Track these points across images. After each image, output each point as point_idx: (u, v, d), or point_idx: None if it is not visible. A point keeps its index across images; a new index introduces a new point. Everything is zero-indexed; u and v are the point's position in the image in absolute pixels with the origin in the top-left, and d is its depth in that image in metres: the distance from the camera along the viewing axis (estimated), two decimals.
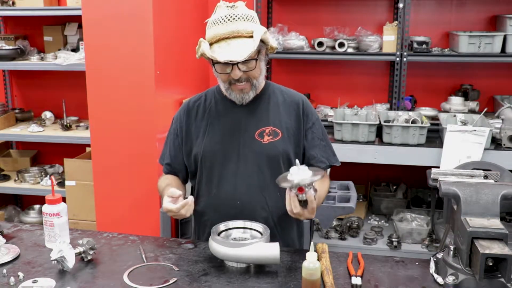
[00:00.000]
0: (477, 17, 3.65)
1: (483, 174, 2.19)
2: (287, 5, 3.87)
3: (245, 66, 1.74)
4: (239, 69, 1.73)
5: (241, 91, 1.79)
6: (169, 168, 2.00)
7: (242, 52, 1.68)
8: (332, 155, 1.95)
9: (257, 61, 1.75)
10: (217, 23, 1.72)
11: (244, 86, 1.78)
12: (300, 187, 1.55)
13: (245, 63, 1.73)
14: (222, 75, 1.78)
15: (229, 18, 1.71)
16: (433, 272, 1.58)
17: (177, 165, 1.98)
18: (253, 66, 1.75)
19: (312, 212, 1.62)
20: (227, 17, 1.71)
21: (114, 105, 2.93)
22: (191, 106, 1.95)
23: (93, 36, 2.91)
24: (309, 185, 1.56)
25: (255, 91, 1.83)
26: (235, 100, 1.84)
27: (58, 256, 1.58)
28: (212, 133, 1.88)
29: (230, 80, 1.77)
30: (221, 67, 1.75)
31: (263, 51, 1.80)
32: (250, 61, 1.73)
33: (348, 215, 3.34)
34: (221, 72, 1.76)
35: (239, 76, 1.74)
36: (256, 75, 1.79)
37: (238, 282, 1.54)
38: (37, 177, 3.88)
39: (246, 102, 1.84)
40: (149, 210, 2.97)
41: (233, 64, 1.71)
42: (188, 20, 3.33)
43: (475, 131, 2.96)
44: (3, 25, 4.17)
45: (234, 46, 1.70)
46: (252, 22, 1.74)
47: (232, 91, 1.81)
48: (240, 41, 1.70)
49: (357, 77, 3.89)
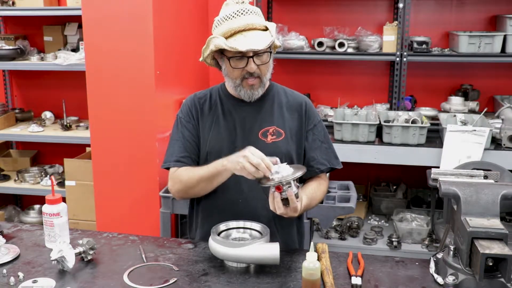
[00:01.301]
0: (477, 17, 3.65)
1: (483, 174, 2.19)
2: (287, 5, 3.87)
3: (260, 59, 1.76)
4: (254, 62, 1.74)
5: (251, 87, 1.80)
6: (186, 161, 1.85)
7: (261, 41, 1.70)
8: (334, 157, 1.95)
9: (271, 54, 1.78)
10: (230, 18, 1.73)
11: (255, 82, 1.79)
12: (278, 185, 1.55)
13: (260, 57, 1.75)
14: (235, 70, 1.77)
15: (242, 12, 1.73)
16: (433, 272, 1.58)
17: (194, 156, 1.86)
18: (267, 60, 1.77)
19: (294, 211, 1.61)
20: (239, 11, 1.73)
21: (114, 105, 2.93)
22: (197, 101, 1.93)
23: (93, 36, 2.91)
24: (288, 184, 1.56)
25: (263, 88, 1.84)
26: (244, 97, 1.83)
27: (58, 256, 1.58)
28: (217, 131, 1.88)
29: (244, 75, 1.77)
30: (236, 61, 1.75)
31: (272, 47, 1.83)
32: (265, 54, 1.76)
33: (348, 215, 3.34)
34: (236, 67, 1.76)
35: (254, 70, 1.75)
36: (266, 71, 1.80)
37: (238, 282, 1.54)
38: (37, 177, 3.88)
39: (255, 98, 1.84)
40: (149, 210, 2.97)
41: (249, 57, 1.73)
42: (188, 20, 3.33)
43: (475, 131, 2.95)
44: (3, 25, 4.17)
45: (251, 37, 1.72)
46: (261, 17, 1.79)
47: (243, 88, 1.80)
48: (256, 33, 1.73)
49: (357, 77, 3.89)
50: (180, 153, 1.86)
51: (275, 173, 1.57)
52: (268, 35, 1.74)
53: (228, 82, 1.86)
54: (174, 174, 1.85)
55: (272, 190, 1.59)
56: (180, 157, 1.86)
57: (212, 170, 1.73)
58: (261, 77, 1.79)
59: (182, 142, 1.87)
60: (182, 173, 1.83)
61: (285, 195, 1.57)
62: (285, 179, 1.55)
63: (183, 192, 1.85)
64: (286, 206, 1.59)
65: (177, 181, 1.83)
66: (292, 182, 1.57)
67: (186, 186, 1.81)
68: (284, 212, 1.60)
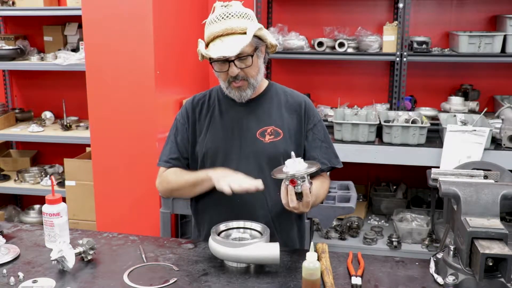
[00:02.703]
0: (477, 17, 3.65)
1: (483, 174, 2.19)
2: (287, 5, 3.87)
3: (242, 63, 1.75)
4: (235, 66, 1.74)
5: (239, 89, 1.80)
6: (175, 162, 1.92)
7: (234, 47, 1.69)
8: (334, 157, 1.95)
9: (253, 57, 1.76)
10: (212, 22, 1.75)
11: (241, 84, 1.79)
12: (292, 179, 1.55)
13: (242, 60, 1.74)
14: (221, 74, 1.79)
15: (223, 17, 1.73)
16: (433, 272, 1.58)
17: (184, 159, 1.93)
18: (250, 63, 1.76)
19: (306, 206, 1.62)
20: (221, 15, 1.73)
21: (114, 105, 2.93)
22: (195, 103, 1.95)
23: (93, 36, 2.91)
24: (303, 178, 1.57)
25: (252, 89, 1.82)
26: (234, 98, 1.84)
27: (58, 256, 1.58)
28: (214, 131, 1.88)
29: (229, 78, 1.78)
30: (219, 66, 1.76)
31: (262, 49, 1.81)
32: (247, 58, 1.74)
33: (348, 215, 3.34)
34: (219, 71, 1.78)
35: (236, 74, 1.75)
36: (253, 73, 1.79)
37: (238, 282, 1.54)
38: (37, 177, 3.88)
39: (245, 99, 1.84)
40: (149, 210, 2.97)
41: (230, 61, 1.73)
42: (188, 20, 3.33)
43: (475, 131, 2.95)
44: (3, 25, 4.17)
45: (227, 42, 1.71)
46: (247, 20, 1.75)
47: (232, 89, 1.81)
48: (233, 38, 1.72)
49: (357, 77, 3.89)
50: (170, 154, 1.94)
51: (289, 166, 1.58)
52: (246, 39, 1.70)
53: (220, 83, 1.87)
54: (163, 174, 1.94)
55: (286, 183, 1.59)
56: (169, 158, 1.93)
57: (197, 178, 1.82)
58: (247, 79, 1.79)
59: (174, 144, 1.94)
60: (170, 174, 1.91)
61: (299, 189, 1.57)
62: (300, 173, 1.56)
63: (168, 192, 1.96)
64: (298, 201, 1.59)
65: (164, 180, 1.92)
66: (306, 177, 1.58)
67: (172, 188, 1.91)
68: (296, 206, 1.60)
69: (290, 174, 1.56)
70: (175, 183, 1.88)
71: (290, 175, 1.56)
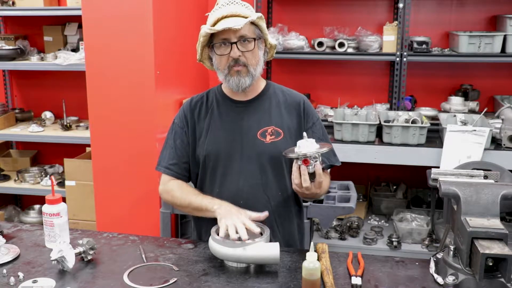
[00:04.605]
0: (477, 17, 3.65)
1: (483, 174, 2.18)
2: (287, 5, 3.87)
3: (244, 46, 1.77)
4: (237, 48, 1.75)
5: (238, 73, 1.79)
6: (175, 169, 1.92)
7: (240, 22, 1.72)
8: (333, 155, 1.95)
9: (255, 42, 1.78)
10: (217, 9, 1.79)
11: (240, 68, 1.79)
12: (305, 159, 1.56)
13: (244, 44, 1.77)
14: (222, 59, 1.79)
15: (228, 3, 1.79)
16: (433, 272, 1.58)
17: (184, 164, 1.92)
18: (251, 47, 1.78)
19: (318, 187, 1.64)
20: (226, 2, 1.79)
21: (114, 105, 2.93)
22: (193, 105, 1.95)
23: (93, 36, 2.91)
24: (315, 158, 1.58)
25: (251, 79, 1.82)
26: (233, 86, 1.82)
27: (58, 256, 1.58)
28: (215, 133, 1.88)
29: (230, 63, 1.78)
30: (221, 48, 1.78)
31: (262, 41, 1.84)
32: (249, 41, 1.77)
33: (348, 215, 3.34)
34: (221, 54, 1.78)
35: (238, 56, 1.76)
36: (254, 61, 1.80)
37: (238, 282, 1.54)
38: (37, 177, 3.88)
39: (243, 88, 1.82)
40: (149, 210, 2.97)
41: (232, 43, 1.75)
42: (188, 20, 3.33)
43: (475, 131, 2.95)
44: (3, 25, 4.17)
45: (232, 20, 1.75)
46: (249, 10, 1.81)
47: (231, 77, 1.80)
48: (237, 18, 1.76)
49: (357, 77, 3.89)
50: (170, 160, 1.93)
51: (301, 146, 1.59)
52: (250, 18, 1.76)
53: (219, 75, 1.86)
54: (168, 184, 1.93)
55: (298, 163, 1.59)
56: (169, 164, 1.93)
57: (201, 204, 1.80)
58: (247, 65, 1.79)
59: (173, 148, 1.93)
60: (176, 189, 1.90)
61: (311, 169, 1.58)
62: (313, 152, 1.56)
63: (171, 203, 1.96)
64: (311, 181, 1.60)
65: (169, 193, 1.91)
66: (318, 157, 1.59)
67: (175, 203, 1.91)
68: (309, 186, 1.61)
69: (302, 154, 1.56)
70: (178, 200, 1.88)
71: (302, 155, 1.56)
